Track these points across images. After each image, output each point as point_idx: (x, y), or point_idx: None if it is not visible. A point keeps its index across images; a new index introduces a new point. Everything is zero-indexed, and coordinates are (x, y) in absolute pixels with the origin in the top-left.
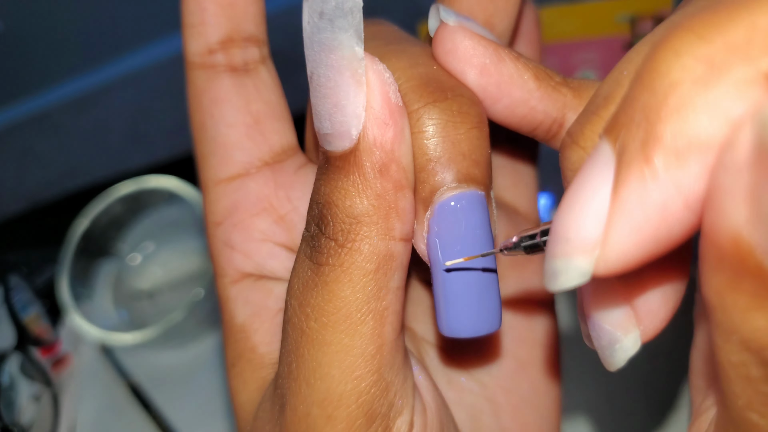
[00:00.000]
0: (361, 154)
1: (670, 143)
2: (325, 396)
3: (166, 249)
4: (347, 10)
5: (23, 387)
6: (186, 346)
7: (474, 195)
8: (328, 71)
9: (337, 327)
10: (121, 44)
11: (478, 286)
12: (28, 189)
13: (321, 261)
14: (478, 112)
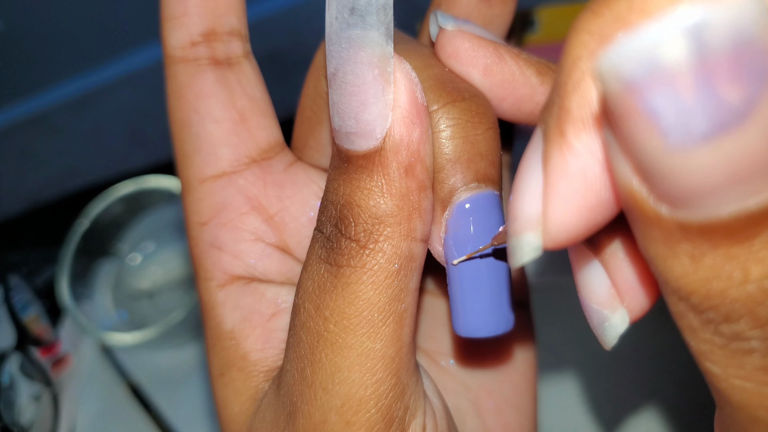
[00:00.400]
0: (387, 153)
1: (577, 114)
2: (345, 401)
3: (166, 249)
4: (380, 6)
5: (23, 387)
6: (186, 346)
7: (491, 195)
8: (357, 68)
9: (359, 330)
10: (121, 44)
11: (493, 286)
12: (28, 189)
13: (341, 263)
14: (493, 113)
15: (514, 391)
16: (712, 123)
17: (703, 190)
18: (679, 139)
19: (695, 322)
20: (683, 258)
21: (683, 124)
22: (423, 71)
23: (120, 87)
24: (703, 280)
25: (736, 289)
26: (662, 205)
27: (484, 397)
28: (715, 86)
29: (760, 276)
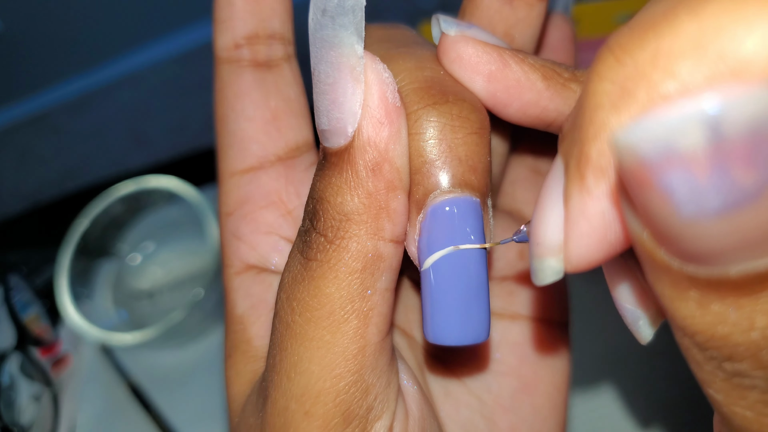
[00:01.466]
0: (354, 151)
1: (596, 162)
2: (304, 391)
3: (166, 249)
4: (348, 8)
5: (23, 387)
6: (186, 346)
7: (468, 201)
8: (328, 68)
9: (320, 323)
10: (121, 44)
11: (466, 293)
12: (28, 189)
13: (310, 256)
14: (480, 119)
15: (534, 413)
16: (725, 202)
17: (713, 253)
18: (692, 213)
19: (699, 356)
20: (690, 302)
21: (697, 201)
22: (412, 73)
23: (120, 87)
24: (708, 323)
25: (741, 335)
26: (673, 259)
27: (500, 415)
28: (730, 171)
29: (765, 325)
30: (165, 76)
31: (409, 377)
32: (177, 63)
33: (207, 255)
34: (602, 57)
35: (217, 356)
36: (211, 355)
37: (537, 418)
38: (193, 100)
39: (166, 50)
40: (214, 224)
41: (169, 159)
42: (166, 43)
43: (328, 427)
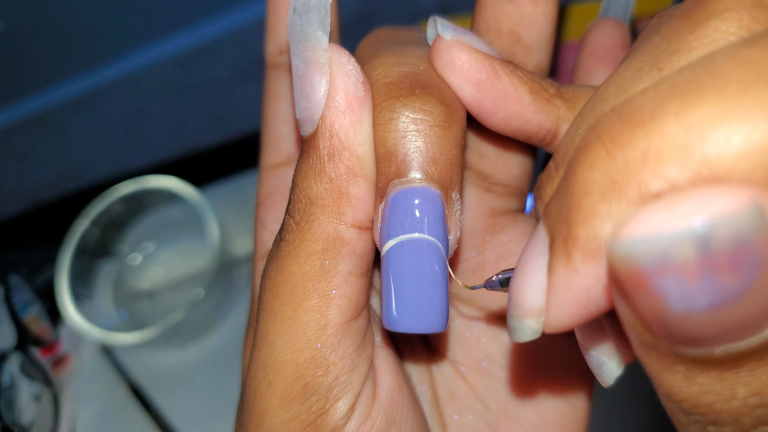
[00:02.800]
0: (318, 138)
1: (584, 245)
2: (268, 362)
3: (166, 249)
4: (313, 6)
5: (24, 387)
6: (186, 346)
7: (426, 192)
8: (298, 61)
9: (284, 299)
10: (122, 45)
11: (420, 282)
12: (29, 189)
13: (282, 236)
14: (446, 112)
15: (540, 425)
16: (712, 301)
17: (700, 339)
18: (683, 310)
19: (684, 419)
20: (677, 375)
21: (687, 301)
22: (389, 68)
23: (120, 87)
24: (694, 393)
25: (724, 403)
26: (662, 341)
27: (504, 423)
28: (717, 277)
29: (745, 395)
30: (165, 76)
31: (387, 367)
32: (177, 63)
33: (207, 255)
34: (592, 145)
35: (217, 356)
36: (211, 355)
37: (543, 429)
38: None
39: (166, 50)
40: (214, 224)
41: (169, 159)
42: (166, 43)
43: (287, 399)
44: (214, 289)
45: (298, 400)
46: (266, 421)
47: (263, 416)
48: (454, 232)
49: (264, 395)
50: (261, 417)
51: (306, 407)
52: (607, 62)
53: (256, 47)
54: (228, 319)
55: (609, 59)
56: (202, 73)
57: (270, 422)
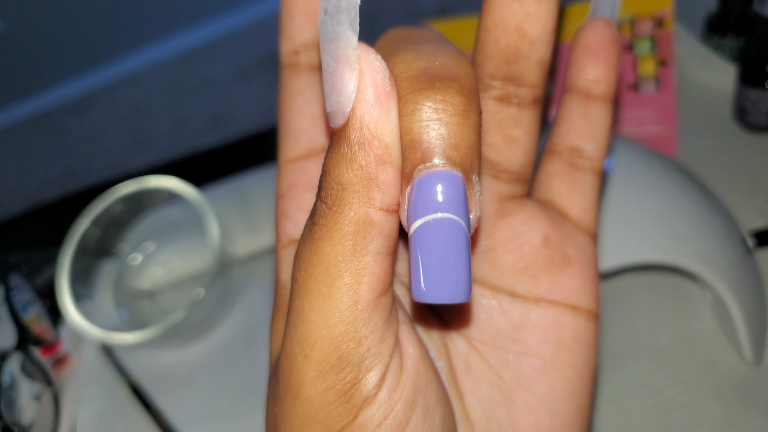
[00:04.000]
0: (349, 129)
1: None
2: (304, 337)
3: (166, 249)
4: (343, 7)
5: (24, 387)
6: (187, 346)
7: (449, 174)
8: (329, 59)
9: (319, 278)
10: (122, 45)
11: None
12: (29, 189)
13: (314, 220)
14: (464, 102)
15: (552, 394)
16: None
17: None
18: None
19: None
20: None
21: None
22: (408, 63)
23: (120, 87)
24: None
25: None
26: None
27: (517, 393)
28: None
29: None
30: (165, 76)
31: (411, 341)
32: (177, 63)
33: (207, 255)
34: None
35: (218, 356)
36: (211, 355)
37: (554, 399)
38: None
39: (166, 50)
40: (214, 224)
41: (169, 159)
42: (166, 43)
43: (323, 370)
44: (215, 289)
45: (334, 371)
46: (303, 393)
47: (300, 388)
48: (475, 211)
49: (301, 368)
50: (298, 389)
51: (341, 377)
52: (597, 58)
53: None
54: (228, 319)
55: (600, 55)
56: (202, 73)
57: (307, 393)
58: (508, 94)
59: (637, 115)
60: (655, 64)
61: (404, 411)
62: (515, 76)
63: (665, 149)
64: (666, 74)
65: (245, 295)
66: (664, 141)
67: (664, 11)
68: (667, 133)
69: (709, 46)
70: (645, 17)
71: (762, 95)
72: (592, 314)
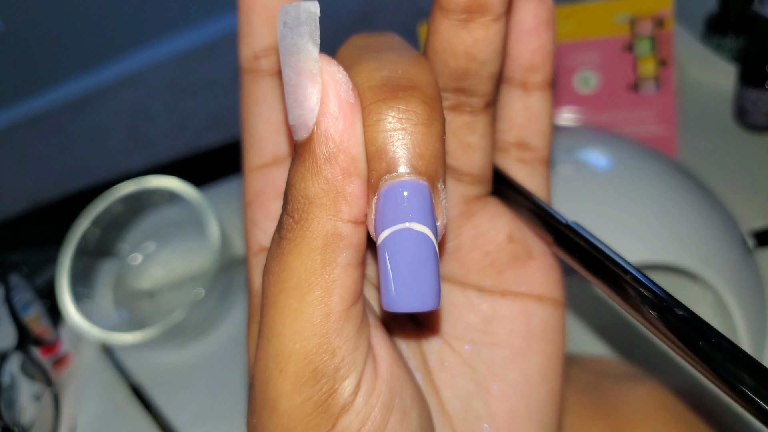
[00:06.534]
0: (314, 143)
1: None
2: (278, 352)
3: (166, 249)
4: (303, 19)
5: (24, 386)
6: (186, 346)
7: (415, 184)
8: (290, 71)
9: (289, 293)
10: (122, 45)
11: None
12: (29, 189)
13: (282, 235)
14: (427, 111)
15: (525, 381)
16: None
17: None
18: None
19: None
20: None
21: None
22: (371, 73)
23: (120, 87)
24: None
25: None
26: None
27: (492, 383)
28: None
29: None
30: (165, 77)
31: (383, 345)
32: (177, 63)
33: (207, 255)
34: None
35: (218, 356)
36: (211, 355)
37: (527, 385)
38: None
39: (166, 50)
40: (214, 224)
41: (169, 159)
42: (166, 43)
43: (299, 384)
44: (215, 289)
45: (310, 384)
46: (280, 406)
47: (277, 402)
48: (442, 219)
49: (277, 383)
50: (275, 403)
51: (317, 389)
52: (533, 44)
53: None
54: (228, 319)
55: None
56: (202, 73)
57: (284, 406)
58: (460, 104)
59: (637, 115)
60: (655, 64)
61: (381, 415)
62: (465, 89)
63: (665, 149)
64: (666, 74)
65: (245, 295)
66: (664, 141)
67: (664, 11)
68: (667, 133)
69: (709, 46)
70: (645, 17)
71: (762, 95)
72: (558, 302)
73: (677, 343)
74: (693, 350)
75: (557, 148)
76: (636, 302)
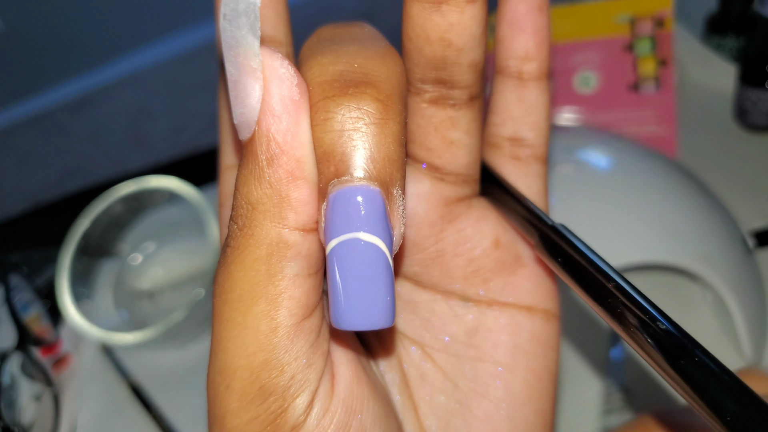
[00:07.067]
0: (254, 144)
1: None
2: (223, 367)
3: (166, 249)
4: (242, 11)
5: (24, 387)
6: (186, 346)
7: (365, 190)
8: (231, 67)
9: (233, 305)
10: (122, 45)
11: (362, 280)
12: (29, 189)
13: (228, 242)
14: (380, 109)
15: (509, 399)
16: None
17: None
18: None
19: None
20: None
21: None
22: (324, 67)
23: (120, 87)
24: None
25: None
26: None
27: (474, 401)
28: None
29: None
30: (165, 77)
31: (344, 360)
32: (177, 63)
33: (208, 255)
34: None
35: None
36: None
37: (512, 404)
38: (193, 101)
39: (166, 50)
40: (214, 224)
41: (169, 159)
42: (166, 43)
43: (245, 401)
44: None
45: (256, 402)
46: (227, 423)
47: (224, 418)
48: (398, 228)
49: (223, 399)
50: (222, 419)
51: (264, 408)
52: (526, 32)
53: None
54: None
55: (528, 28)
56: (202, 74)
57: (231, 424)
58: (442, 96)
59: (637, 115)
60: (655, 64)
61: None
62: (446, 80)
63: (665, 149)
64: (666, 74)
65: None
66: (664, 141)
67: (664, 11)
68: (667, 133)
69: (709, 46)
70: (645, 17)
71: (762, 95)
72: (550, 314)
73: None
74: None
75: (557, 148)
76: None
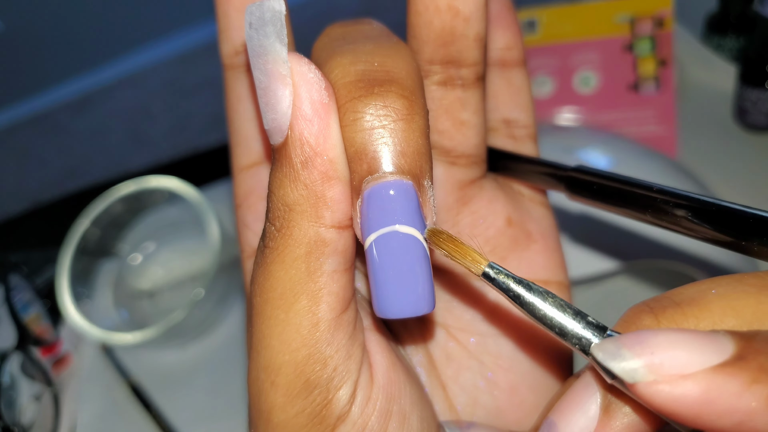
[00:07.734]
0: (289, 147)
1: None
2: (268, 364)
3: (166, 249)
4: (268, 19)
5: (24, 387)
6: (186, 346)
7: (398, 183)
8: (260, 74)
9: (275, 303)
10: (122, 45)
11: (403, 269)
12: (29, 189)
13: (265, 243)
14: (406, 105)
15: (533, 370)
16: None
17: None
18: None
19: None
20: None
21: None
22: (345, 68)
23: (120, 87)
24: None
25: None
26: None
27: (499, 375)
28: None
29: None
30: (165, 77)
31: (379, 349)
32: (177, 63)
33: (207, 255)
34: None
35: (218, 356)
36: (211, 355)
37: (535, 374)
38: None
39: (166, 50)
40: (214, 224)
41: (169, 159)
42: (166, 43)
43: (291, 396)
44: (214, 289)
45: (302, 396)
46: (274, 418)
47: (270, 414)
48: (431, 218)
49: (269, 395)
50: (269, 415)
51: (310, 401)
52: (503, 26)
53: None
54: (228, 319)
55: (504, 22)
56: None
57: (278, 419)
58: (450, 77)
59: (637, 115)
60: (655, 64)
61: (379, 423)
62: (454, 57)
63: (665, 149)
64: (666, 74)
65: (244, 296)
66: (664, 141)
67: (664, 11)
68: (667, 133)
69: (709, 46)
70: (645, 17)
71: (762, 95)
72: (563, 285)
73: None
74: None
75: (557, 148)
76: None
